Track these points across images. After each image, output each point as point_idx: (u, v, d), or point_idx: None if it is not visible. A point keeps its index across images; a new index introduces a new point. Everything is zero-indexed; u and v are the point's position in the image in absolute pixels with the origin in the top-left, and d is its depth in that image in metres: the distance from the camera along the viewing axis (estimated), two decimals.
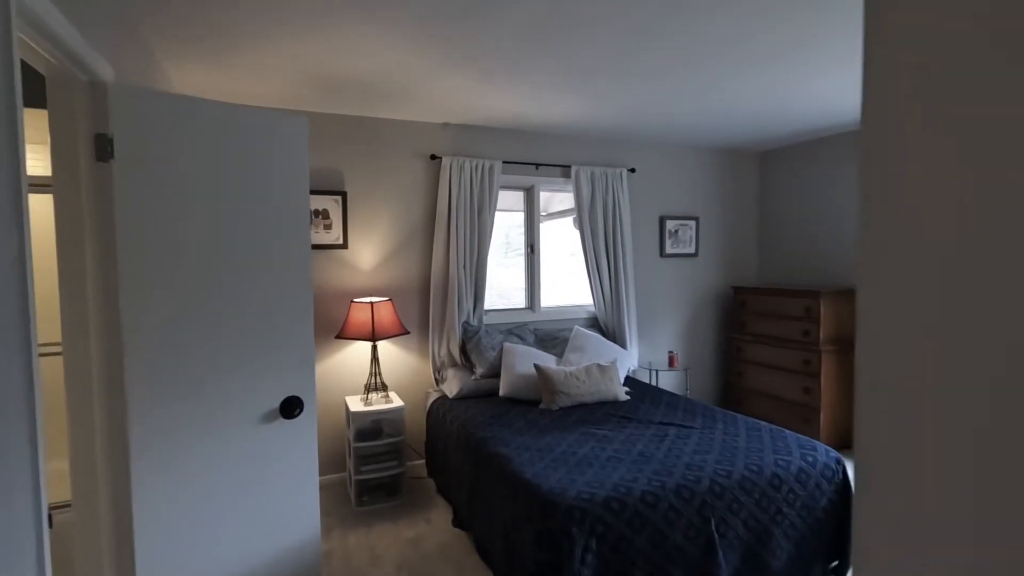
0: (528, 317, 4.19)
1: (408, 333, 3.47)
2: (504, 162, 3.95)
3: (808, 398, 4.00)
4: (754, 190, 5.02)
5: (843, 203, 4.28)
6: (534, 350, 3.71)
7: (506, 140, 4.02)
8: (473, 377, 3.62)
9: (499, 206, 4.12)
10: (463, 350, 3.81)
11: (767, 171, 4.95)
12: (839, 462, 2.48)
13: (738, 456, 2.43)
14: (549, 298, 4.39)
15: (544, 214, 5.03)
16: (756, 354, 4.42)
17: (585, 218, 4.18)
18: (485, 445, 2.71)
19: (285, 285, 1.97)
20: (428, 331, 3.80)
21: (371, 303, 3.28)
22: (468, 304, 3.84)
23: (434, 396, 3.65)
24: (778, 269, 4.87)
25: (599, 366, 3.50)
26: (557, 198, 4.58)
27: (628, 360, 3.96)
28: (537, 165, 4.10)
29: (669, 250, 4.63)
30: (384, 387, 3.46)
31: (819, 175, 4.47)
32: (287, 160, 1.93)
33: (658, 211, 4.60)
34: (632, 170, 4.39)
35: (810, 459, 2.43)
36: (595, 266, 4.23)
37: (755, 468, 2.32)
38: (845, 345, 4.04)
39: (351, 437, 3.25)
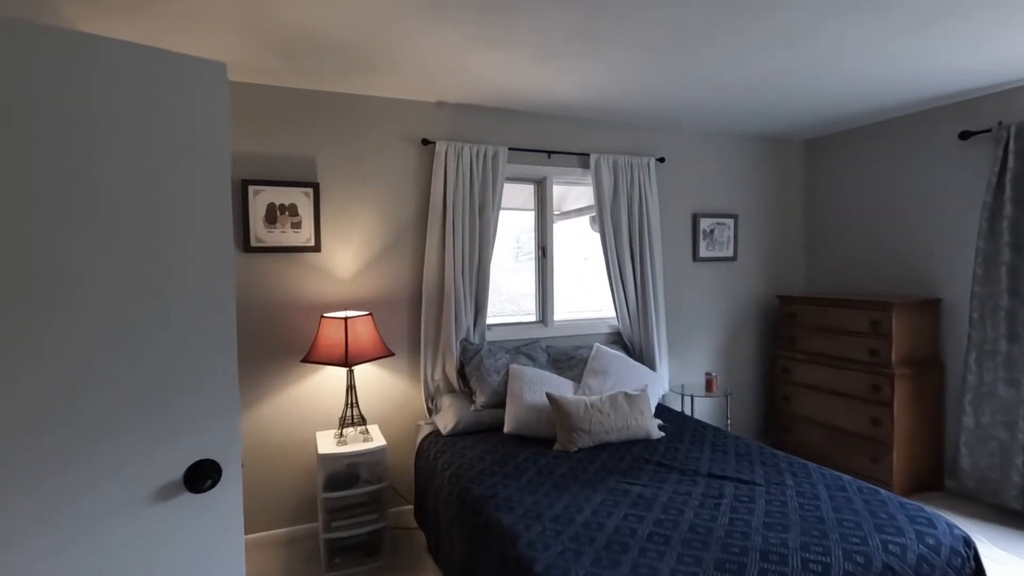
0: (539, 332, 3.55)
1: (392, 355, 2.84)
2: (511, 149, 3.32)
3: (877, 431, 3.31)
4: (799, 184, 4.34)
5: (912, 197, 3.59)
6: (546, 373, 3.07)
7: (513, 123, 3.39)
8: (473, 407, 2.98)
9: (506, 203, 3.50)
10: (461, 373, 3.18)
11: (814, 162, 4.27)
12: (968, 544, 1.81)
13: (830, 536, 1.76)
14: (564, 310, 3.75)
15: (557, 213, 4.42)
16: (808, 375, 3.74)
17: (607, 215, 3.53)
18: (483, 508, 2.07)
19: (192, 304, 1.34)
20: (419, 351, 3.17)
21: (345, 319, 2.65)
22: (467, 318, 3.20)
23: (426, 430, 3.01)
24: (830, 276, 4.17)
25: (626, 395, 2.84)
26: (572, 194, 3.93)
27: (659, 384, 3.30)
28: (550, 153, 3.46)
29: (704, 253, 3.96)
30: (363, 421, 2.83)
31: (879, 165, 3.78)
32: (192, 126, 1.31)
33: (691, 207, 3.94)
34: (661, 159, 3.74)
35: (931, 541, 1.76)
36: (618, 272, 3.57)
37: (860, 559, 1.64)
38: (924, 367, 3.34)
39: (320, 485, 2.62)
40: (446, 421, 2.90)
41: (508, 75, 2.77)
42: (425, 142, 3.13)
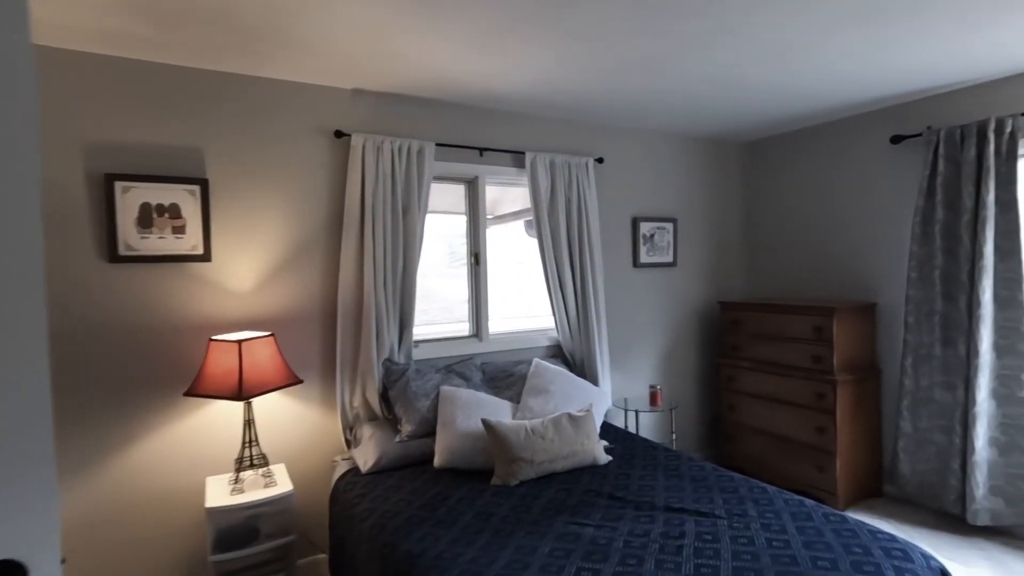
0: (474, 348, 3.21)
1: (300, 382, 2.41)
2: (439, 144, 2.98)
3: (822, 440, 3.23)
4: (739, 187, 4.28)
5: (848, 201, 3.58)
6: (482, 395, 2.74)
7: (441, 115, 3.05)
8: (398, 438, 2.60)
9: (435, 205, 3.16)
10: (384, 398, 2.79)
11: (753, 165, 4.23)
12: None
13: None
14: (501, 323, 3.44)
15: (492, 217, 4.12)
16: (752, 384, 3.63)
17: (544, 218, 3.26)
18: (411, 571, 1.70)
19: None
20: (335, 375, 2.75)
21: (239, 342, 2.20)
22: (391, 335, 2.82)
23: (343, 467, 2.59)
24: (771, 281, 4.13)
25: (571, 417, 2.56)
26: (508, 197, 3.64)
27: (603, 401, 3.06)
28: (482, 150, 3.15)
29: (645, 258, 3.79)
30: (264, 461, 2.38)
31: (816, 169, 3.77)
32: None
33: (631, 211, 3.76)
34: (600, 160, 3.53)
35: (906, 575, 1.58)
36: (557, 280, 3.31)
37: None
38: (863, 373, 3.30)
39: (208, 546, 2.15)
40: (366, 456, 2.50)
41: (436, 61, 2.44)
42: (339, 134, 2.73)
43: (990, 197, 2.79)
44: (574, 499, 2.16)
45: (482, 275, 3.25)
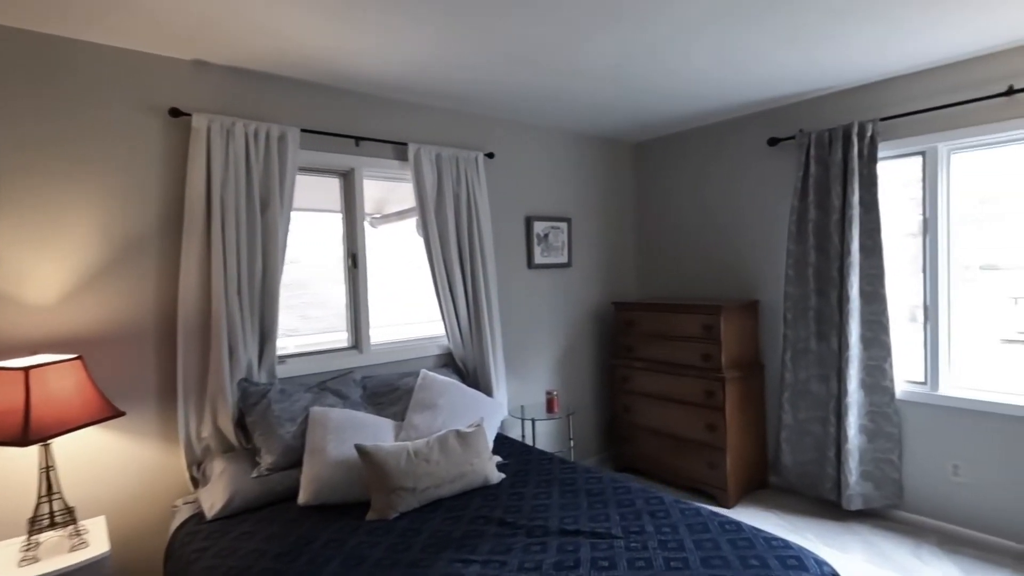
0: (353, 360, 2.87)
1: (120, 415, 1.94)
2: (305, 131, 2.61)
3: (712, 437, 3.26)
4: (631, 187, 4.29)
5: (730, 201, 3.67)
6: (360, 415, 2.42)
7: (309, 98, 2.68)
8: (255, 472, 2.20)
9: (315, 202, 2.80)
10: (241, 426, 2.37)
11: (643, 165, 4.25)
12: None
13: None
14: (388, 331, 3.12)
15: (378, 216, 3.78)
16: (646, 383, 3.61)
17: (430, 216, 2.99)
18: None
19: None
20: (176, 401, 2.29)
21: (26, 369, 1.71)
22: (249, 350, 2.41)
23: (184, 513, 2.15)
24: (663, 281, 4.16)
25: (459, 434, 2.31)
26: (398, 192, 3.31)
27: (497, 412, 2.85)
28: (358, 139, 2.82)
29: (539, 259, 3.64)
30: (70, 518, 1.89)
31: (700, 169, 3.84)
32: None
33: (524, 209, 3.59)
34: (490, 155, 3.32)
35: None
36: (446, 283, 3.05)
37: None
38: (748, 369, 3.38)
39: None
40: (214, 498, 2.08)
41: (292, 33, 2.08)
42: (176, 113, 2.27)
43: (855, 198, 2.93)
44: (461, 529, 1.92)
45: (361, 279, 2.91)
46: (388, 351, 3.00)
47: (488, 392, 3.11)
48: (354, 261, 2.90)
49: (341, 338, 2.92)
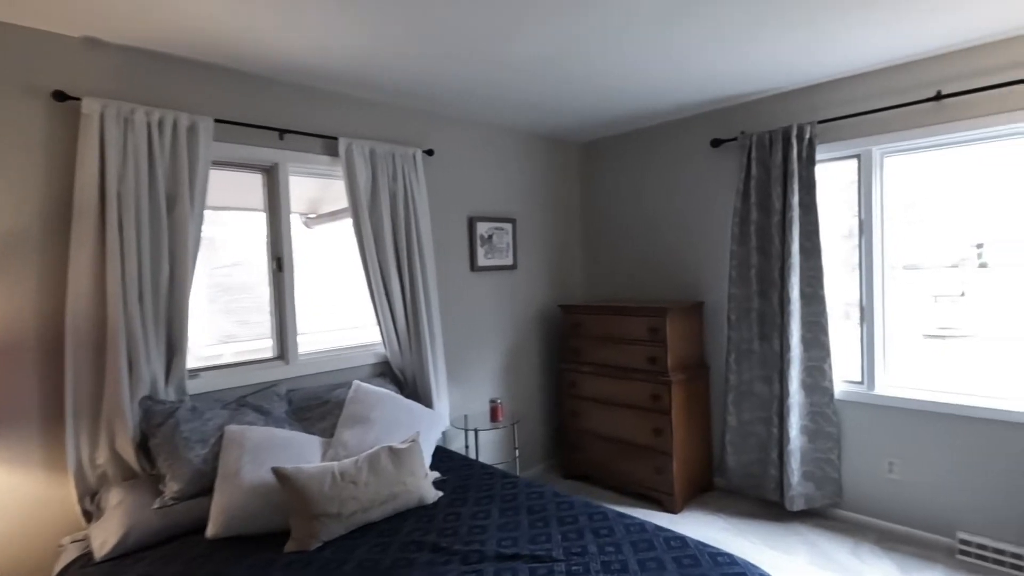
0: (278, 372, 2.64)
1: None
2: (220, 121, 2.37)
3: (659, 441, 3.21)
4: (577, 188, 4.21)
5: (676, 202, 3.65)
6: (283, 433, 2.20)
7: (223, 85, 2.44)
8: (158, 503, 1.96)
9: (242, 201, 2.57)
10: (143, 449, 2.11)
11: (589, 165, 4.18)
12: None
13: None
14: (318, 338, 2.90)
15: (313, 215, 3.56)
16: (594, 388, 3.53)
17: (364, 215, 2.80)
18: None
19: None
20: (64, 423, 2.01)
21: None
22: (153, 364, 2.15)
23: (72, 553, 1.88)
24: (610, 283, 4.10)
25: (392, 451, 2.14)
26: (333, 190, 3.08)
27: (437, 424, 2.69)
28: (282, 132, 2.60)
29: (483, 261, 3.50)
30: None
31: (646, 170, 3.80)
32: None
33: (467, 209, 3.44)
34: (430, 152, 3.16)
35: None
36: (382, 287, 2.87)
37: None
38: (694, 371, 3.35)
39: None
40: (106, 535, 1.83)
41: (210, 11, 1.86)
42: (61, 96, 2.00)
43: (795, 199, 2.95)
44: (390, 557, 1.75)
45: (287, 284, 2.68)
46: (318, 361, 2.78)
47: (428, 402, 2.94)
48: (279, 264, 2.67)
49: (243, 349, 2.68)
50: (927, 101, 2.60)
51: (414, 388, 2.99)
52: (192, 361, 2.35)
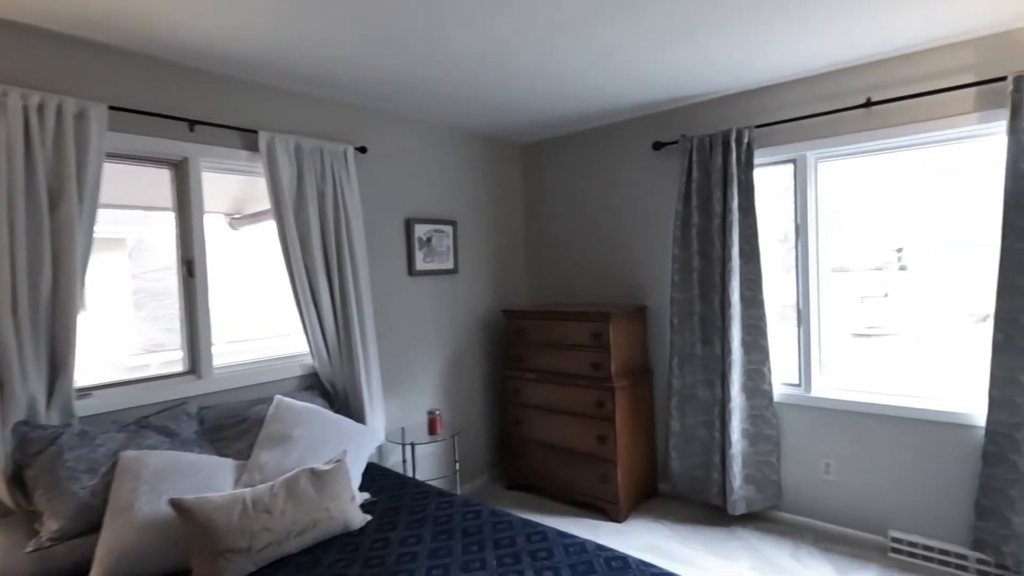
0: (190, 388, 2.39)
1: None
2: (116, 109, 2.11)
3: (603, 449, 3.14)
4: (519, 190, 4.11)
5: (618, 205, 3.60)
6: (190, 456, 1.97)
7: (121, 68, 2.19)
8: (32, 544, 1.69)
9: (146, 199, 2.32)
10: (17, 481, 1.84)
11: (531, 167, 4.09)
12: None
13: None
14: (235, 350, 2.66)
15: (238, 216, 3.34)
16: (537, 395, 3.43)
17: (288, 216, 2.59)
18: None
19: None
20: None
21: None
22: (31, 384, 1.88)
23: None
24: (554, 287, 4.02)
25: (313, 473, 1.95)
26: (261, 189, 2.82)
27: (369, 439, 2.50)
28: (193, 123, 2.36)
29: (422, 265, 3.34)
30: None
31: (589, 173, 3.74)
32: None
33: (404, 211, 3.27)
34: (363, 149, 2.97)
35: None
36: (309, 293, 2.66)
37: None
38: (639, 376, 3.31)
39: None
40: None
41: None
42: None
43: (734, 203, 2.95)
44: None
45: (199, 290, 2.44)
46: (237, 374, 2.55)
47: (360, 416, 2.75)
48: (189, 269, 2.42)
49: (145, 363, 2.44)
50: (857, 108, 2.65)
51: (345, 401, 2.79)
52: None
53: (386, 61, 2.41)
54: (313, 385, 2.78)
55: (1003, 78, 2.27)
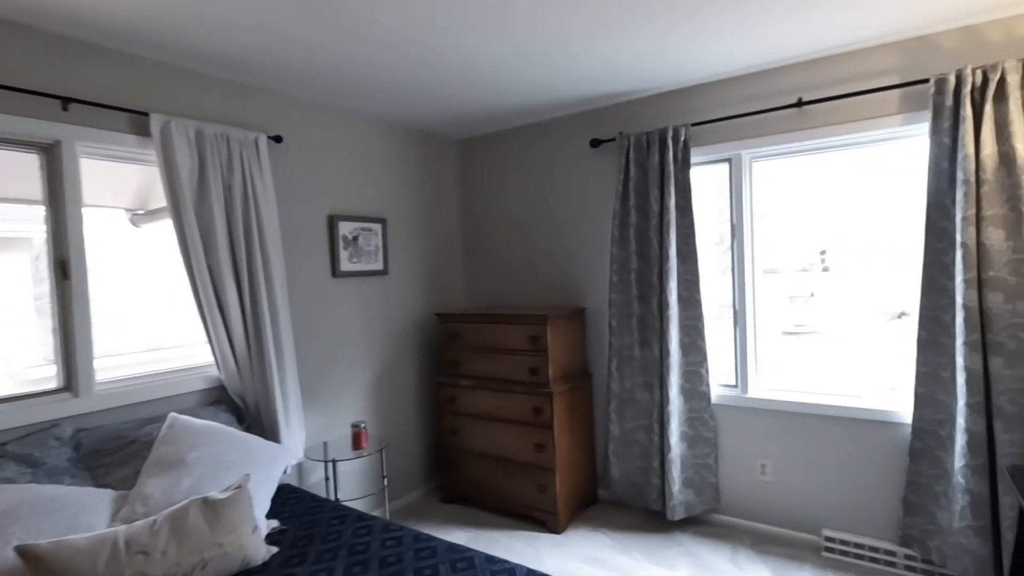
0: (66, 407, 2.06)
1: None
2: None
3: (541, 457, 3.01)
4: (455, 187, 3.93)
5: (556, 204, 3.49)
6: (56, 489, 1.68)
7: None
8: None
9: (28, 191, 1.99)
10: None
11: (468, 163, 3.92)
12: None
13: None
14: (124, 364, 2.34)
15: (142, 211, 3.01)
16: (473, 403, 3.26)
17: (187, 211, 2.31)
18: None
19: None
20: None
21: None
22: None
23: None
24: (491, 289, 3.86)
25: (205, 504, 1.70)
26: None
27: (282, 459, 2.25)
28: (67, 101, 2.04)
29: (347, 266, 3.10)
30: None
31: (526, 170, 3.62)
32: None
33: (326, 207, 3.03)
34: (278, 139, 2.71)
35: None
36: (212, 297, 2.38)
37: None
38: (577, 380, 3.20)
39: None
40: None
41: None
42: None
43: (671, 202, 2.89)
44: None
45: (76, 295, 2.11)
46: (126, 390, 2.24)
47: (274, 433, 2.49)
48: (64, 270, 2.10)
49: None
50: (790, 107, 2.64)
51: (257, 417, 2.52)
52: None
53: (299, 39, 2.18)
54: (220, 400, 2.50)
55: (925, 80, 2.30)
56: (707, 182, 3.05)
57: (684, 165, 2.89)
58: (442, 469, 3.44)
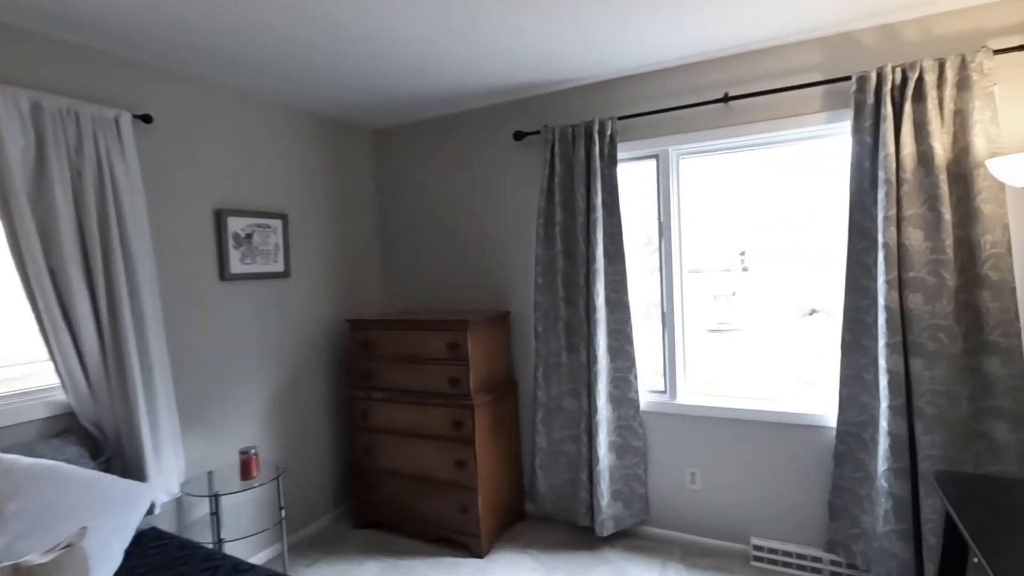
0: None
1: None
2: None
3: (463, 475, 2.77)
4: (369, 182, 3.61)
5: (479, 201, 3.26)
6: None
7: None
8: None
9: None
10: None
11: (384, 155, 3.61)
12: None
13: None
14: None
15: None
16: (389, 417, 2.97)
17: (19, 203, 1.88)
18: None
19: None
20: None
21: None
22: None
23: None
24: (409, 292, 3.57)
25: (15, 573, 1.33)
26: None
27: (140, 501, 1.87)
28: None
29: (238, 267, 2.71)
30: None
31: (447, 164, 3.36)
32: None
33: (212, 200, 2.63)
34: (147, 118, 2.31)
35: None
36: (57, 307, 1.96)
37: None
38: (501, 391, 2.98)
39: None
40: None
41: None
42: None
43: (598, 200, 2.73)
44: None
45: None
46: None
47: (139, 466, 2.10)
48: None
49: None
50: (716, 102, 2.55)
51: (119, 447, 2.12)
52: None
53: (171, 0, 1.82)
54: (69, 429, 2.07)
55: (847, 78, 2.26)
56: (634, 182, 2.92)
57: (611, 161, 2.74)
58: (354, 492, 3.12)
